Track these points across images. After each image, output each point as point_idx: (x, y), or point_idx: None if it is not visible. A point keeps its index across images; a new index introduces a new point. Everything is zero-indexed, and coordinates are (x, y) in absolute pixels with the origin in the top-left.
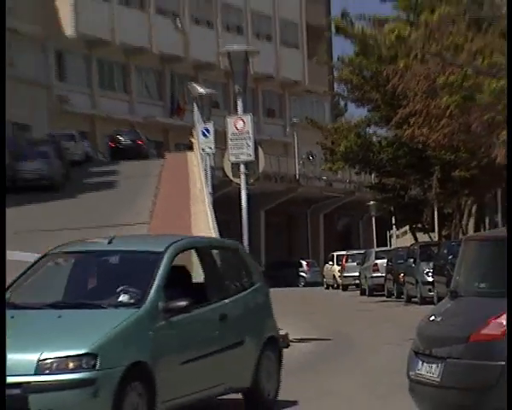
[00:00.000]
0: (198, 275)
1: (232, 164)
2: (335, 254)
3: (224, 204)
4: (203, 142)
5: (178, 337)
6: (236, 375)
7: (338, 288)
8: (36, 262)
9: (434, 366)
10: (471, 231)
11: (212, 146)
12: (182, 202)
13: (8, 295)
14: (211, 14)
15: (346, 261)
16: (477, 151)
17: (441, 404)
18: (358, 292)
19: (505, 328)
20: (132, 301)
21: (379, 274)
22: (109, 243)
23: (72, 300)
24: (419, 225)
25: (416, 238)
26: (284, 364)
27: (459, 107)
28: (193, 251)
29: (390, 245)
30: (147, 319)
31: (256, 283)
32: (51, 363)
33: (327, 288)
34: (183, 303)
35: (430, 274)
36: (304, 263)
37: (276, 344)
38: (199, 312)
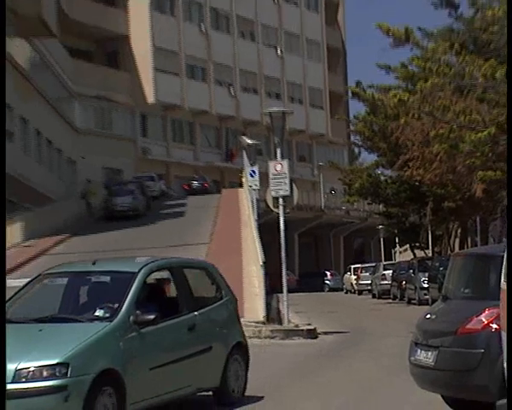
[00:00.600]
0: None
1: (273, 197)
2: (352, 266)
3: (266, 228)
4: (250, 180)
5: (148, 346)
6: (205, 376)
7: (354, 292)
8: (30, 281)
9: (430, 353)
10: (457, 249)
11: (258, 184)
12: (234, 226)
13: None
14: (256, 84)
15: (361, 272)
16: (461, 187)
17: (435, 382)
18: (370, 296)
19: (484, 323)
20: (107, 315)
21: (386, 282)
22: (93, 264)
23: (56, 315)
24: (417, 244)
25: (414, 254)
26: (315, 350)
27: (447, 153)
28: (167, 270)
29: (394, 259)
30: (118, 331)
31: (224, 297)
32: (28, 372)
33: (346, 292)
34: (151, 316)
35: (426, 282)
36: (328, 273)
37: (242, 349)
38: (169, 323)
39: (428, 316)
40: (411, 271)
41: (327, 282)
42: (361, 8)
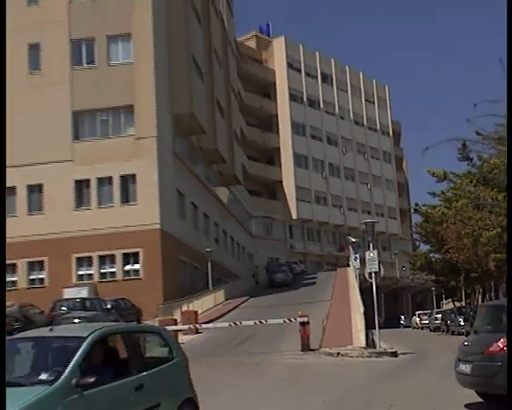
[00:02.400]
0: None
1: (368, 272)
2: (417, 312)
3: (364, 291)
4: (354, 263)
5: (90, 407)
6: None
7: (418, 328)
8: None
9: (467, 365)
10: (480, 302)
11: (358, 264)
12: (345, 290)
13: None
14: (356, 205)
15: (422, 316)
16: (481, 264)
17: (471, 383)
18: (428, 330)
19: (500, 347)
20: (50, 378)
21: (437, 322)
22: (50, 330)
23: (9, 379)
24: (455, 298)
25: (454, 305)
26: (396, 364)
27: (472, 244)
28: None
29: (442, 308)
30: (58, 394)
31: (175, 357)
32: None
33: (413, 329)
34: (91, 379)
35: (462, 321)
36: (402, 317)
37: (192, 404)
38: (116, 384)
39: (466, 343)
40: (453, 314)
41: (401, 322)
42: (416, 160)
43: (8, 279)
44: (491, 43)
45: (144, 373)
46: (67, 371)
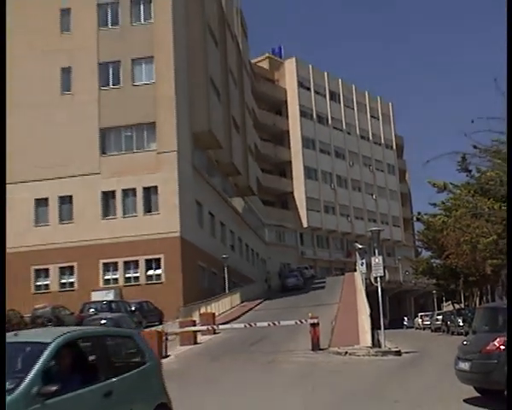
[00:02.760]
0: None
1: (374, 277)
2: (419, 314)
3: (370, 294)
4: (361, 268)
5: None
6: None
7: (421, 329)
8: None
9: (466, 363)
10: (478, 304)
11: (365, 269)
12: (352, 293)
13: None
14: (362, 214)
15: (424, 317)
16: (479, 269)
17: (470, 379)
18: (429, 331)
19: (496, 346)
20: (11, 386)
21: (438, 322)
22: (15, 335)
23: None
24: (455, 301)
25: (454, 306)
26: (400, 362)
27: (470, 250)
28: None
29: (442, 309)
30: (17, 404)
31: (148, 362)
32: None
33: (416, 329)
34: (53, 388)
35: (461, 322)
36: (405, 318)
37: (165, 409)
38: (82, 391)
39: (465, 342)
40: (452, 316)
41: (405, 323)
42: (418, 171)
43: (41, 283)
44: (488, 59)
45: (114, 379)
46: (28, 379)
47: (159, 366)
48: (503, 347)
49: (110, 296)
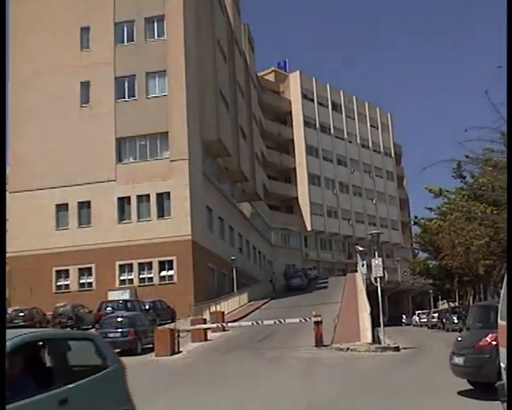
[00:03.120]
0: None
1: (374, 277)
2: (417, 312)
3: (370, 293)
4: (361, 269)
5: None
6: None
7: (418, 326)
8: None
9: (461, 358)
10: (471, 302)
11: (365, 270)
12: (353, 293)
13: None
14: (363, 218)
15: (421, 315)
16: (472, 269)
17: (464, 373)
18: (426, 328)
19: (488, 342)
20: None
21: (434, 320)
22: None
23: None
24: (450, 299)
25: (449, 305)
26: (399, 357)
27: (464, 252)
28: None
29: (438, 307)
30: None
31: (110, 366)
32: None
33: (413, 326)
34: None
35: (456, 319)
36: (404, 316)
37: None
38: (35, 399)
39: (459, 338)
40: (448, 314)
41: (403, 321)
42: (415, 178)
43: (62, 283)
44: (481, 73)
45: (70, 385)
46: None
47: (122, 370)
48: (494, 342)
49: (126, 296)
